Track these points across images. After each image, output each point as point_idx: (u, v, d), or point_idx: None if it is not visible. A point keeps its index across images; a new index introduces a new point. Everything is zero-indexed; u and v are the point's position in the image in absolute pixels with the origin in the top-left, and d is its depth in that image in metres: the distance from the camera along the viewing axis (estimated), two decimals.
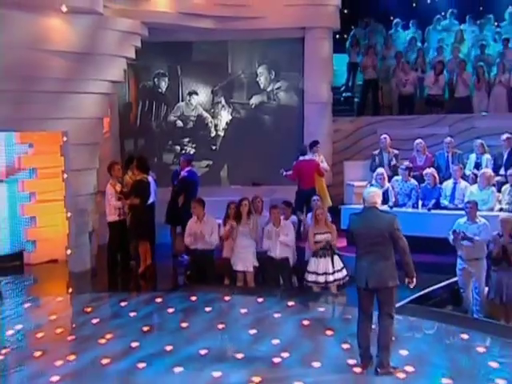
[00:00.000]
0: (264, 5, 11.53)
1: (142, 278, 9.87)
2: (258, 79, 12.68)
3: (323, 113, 12.16)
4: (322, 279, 8.54)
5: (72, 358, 6.64)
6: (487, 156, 10.54)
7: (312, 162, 11.05)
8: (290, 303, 8.15)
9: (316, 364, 6.08)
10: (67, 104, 9.68)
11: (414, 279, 5.86)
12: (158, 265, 10.37)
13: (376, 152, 11.31)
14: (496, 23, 14.15)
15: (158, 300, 8.59)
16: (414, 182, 10.47)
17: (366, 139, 12.29)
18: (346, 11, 13.93)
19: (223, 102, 12.80)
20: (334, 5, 12.03)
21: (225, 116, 12.89)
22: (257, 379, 5.84)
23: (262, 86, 12.72)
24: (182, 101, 12.83)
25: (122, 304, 8.50)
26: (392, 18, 14.49)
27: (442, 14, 14.76)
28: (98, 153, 10.41)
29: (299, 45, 12.16)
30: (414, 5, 14.91)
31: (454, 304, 8.25)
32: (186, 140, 12.87)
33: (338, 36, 14.15)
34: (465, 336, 6.78)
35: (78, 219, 10.16)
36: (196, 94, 12.80)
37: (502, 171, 10.19)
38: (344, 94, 14.64)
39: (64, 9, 9.22)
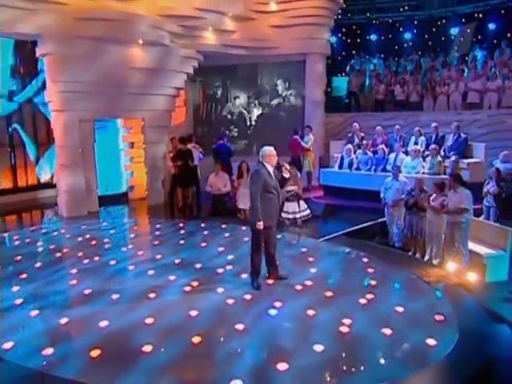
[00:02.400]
0: (278, 39, 11.76)
1: (182, 211, 10.08)
2: (276, 88, 12.90)
3: (317, 109, 12.31)
4: (291, 216, 8.90)
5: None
6: (422, 138, 10.41)
7: (295, 140, 11.33)
8: None
9: (244, 275, 5.95)
10: (145, 101, 10.48)
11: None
12: (198, 204, 10.28)
13: (350, 135, 11.43)
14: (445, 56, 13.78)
15: (181, 224, 8.94)
16: (370, 154, 10.53)
17: (348, 127, 12.24)
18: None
19: (255, 102, 13.10)
20: (326, 38, 12.15)
21: (256, 112, 13.16)
22: (195, 283, 5.78)
23: (279, 93, 12.95)
24: (230, 102, 13.23)
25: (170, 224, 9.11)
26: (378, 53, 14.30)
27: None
28: (166, 132, 10.91)
29: (302, 65, 12.31)
30: (397, 47, 14.53)
31: (382, 235, 8.19)
32: (232, 127, 13.24)
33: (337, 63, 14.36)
34: (365, 259, 6.66)
35: (152, 173, 10.91)
36: (238, 97, 13.17)
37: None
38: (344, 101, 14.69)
39: (141, 42, 9.99)
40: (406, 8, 14.33)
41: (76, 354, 4.33)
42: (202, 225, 8.94)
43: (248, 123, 13.23)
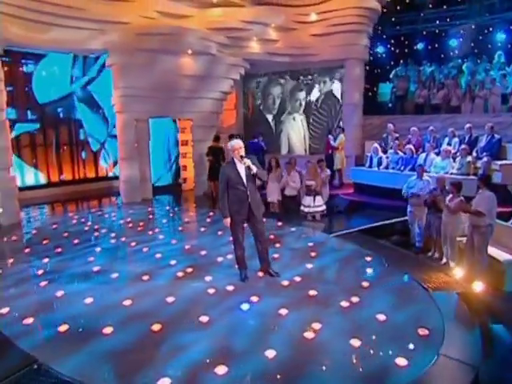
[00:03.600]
0: (318, 46, 10.49)
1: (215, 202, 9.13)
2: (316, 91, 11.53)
3: (355, 111, 10.74)
4: (306, 210, 7.83)
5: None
6: (455, 139, 8.57)
7: (327, 139, 10.21)
8: (279, 223, 7.30)
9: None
10: (193, 104, 9.92)
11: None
12: None
13: (384, 135, 9.86)
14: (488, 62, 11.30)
15: (211, 214, 8.20)
16: (401, 154, 8.90)
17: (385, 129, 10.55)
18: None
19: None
20: (364, 44, 10.56)
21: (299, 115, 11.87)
22: (189, 270, 5.03)
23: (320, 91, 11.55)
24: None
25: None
26: (424, 61, 12.22)
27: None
28: (213, 131, 10.03)
29: (341, 69, 10.94)
30: (442, 55, 12.33)
31: (403, 234, 6.70)
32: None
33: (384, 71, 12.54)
34: (368, 258, 5.40)
35: (199, 167, 10.27)
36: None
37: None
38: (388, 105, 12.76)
39: (190, 52, 9.46)
40: (453, 17, 12.16)
41: (47, 327, 3.81)
42: None
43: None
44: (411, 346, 3.36)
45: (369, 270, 5.02)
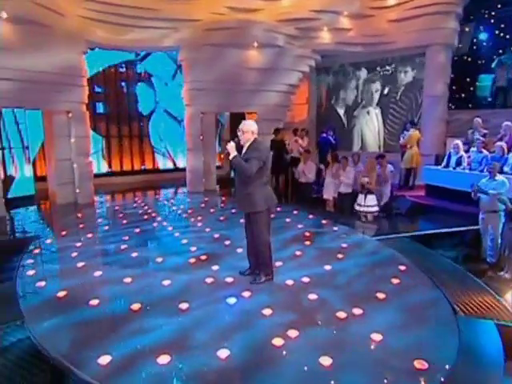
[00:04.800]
0: (396, 32, 9.34)
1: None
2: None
3: (437, 104, 9.23)
4: (357, 208, 7.09)
5: None
6: None
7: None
8: (324, 221, 6.67)
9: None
10: (258, 97, 9.69)
11: None
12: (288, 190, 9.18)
13: (470, 131, 8.27)
14: None
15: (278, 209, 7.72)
16: (485, 152, 7.40)
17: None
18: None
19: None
20: (452, 28, 8.97)
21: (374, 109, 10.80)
22: (203, 257, 5.26)
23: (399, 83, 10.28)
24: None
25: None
26: None
27: None
28: (280, 124, 9.79)
29: (422, 57, 9.51)
30: None
31: (474, 245, 5.64)
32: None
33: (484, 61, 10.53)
34: (402, 267, 4.53)
35: None
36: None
37: None
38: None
39: (256, 44, 9.30)
40: None
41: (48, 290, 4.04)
42: (278, 209, 7.73)
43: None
44: (391, 381, 2.66)
45: (394, 281, 4.21)
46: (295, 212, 7.40)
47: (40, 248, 5.54)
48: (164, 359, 2.84)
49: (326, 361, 2.82)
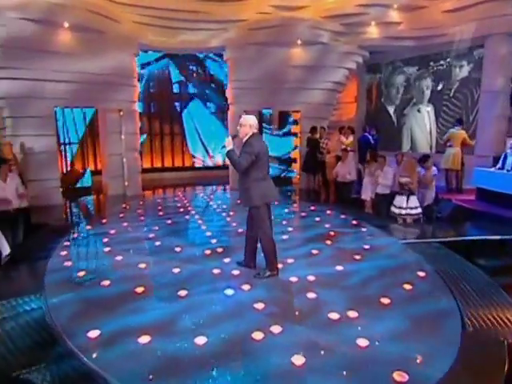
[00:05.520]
0: (451, 24, 8.57)
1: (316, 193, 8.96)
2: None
3: (496, 100, 8.28)
4: (396, 211, 6.61)
5: None
6: None
7: None
8: (354, 222, 6.40)
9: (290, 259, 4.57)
10: (301, 95, 9.61)
11: None
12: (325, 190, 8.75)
13: None
14: None
15: (295, 205, 8.13)
16: None
17: None
18: None
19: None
20: None
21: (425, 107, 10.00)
22: (220, 250, 5.50)
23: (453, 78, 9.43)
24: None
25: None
26: None
27: None
28: (324, 123, 9.61)
29: (480, 49, 8.60)
30: None
31: None
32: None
33: None
34: (422, 274, 4.18)
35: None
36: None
37: None
38: None
39: (299, 42, 9.20)
40: None
41: (70, 273, 4.36)
42: (312, 208, 7.60)
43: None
44: None
45: (406, 287, 3.89)
46: (328, 212, 7.21)
47: (80, 233, 6.08)
48: (144, 339, 2.95)
49: (298, 360, 2.72)
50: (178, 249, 5.12)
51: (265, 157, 4.05)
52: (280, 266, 4.39)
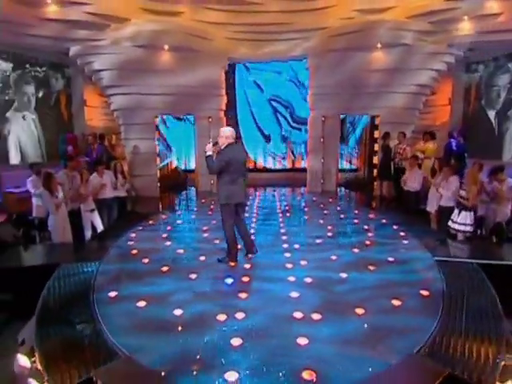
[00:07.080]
0: None
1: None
2: None
3: None
4: (451, 225, 6.10)
5: None
6: None
7: None
8: (402, 233, 6.16)
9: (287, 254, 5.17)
10: (382, 99, 9.40)
11: None
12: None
13: None
14: None
15: (356, 211, 8.08)
16: None
17: None
18: None
19: None
20: None
21: None
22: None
23: None
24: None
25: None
26: None
27: None
28: (408, 128, 9.26)
29: None
30: None
31: None
32: None
33: None
34: (424, 293, 4.20)
35: None
36: None
37: None
38: None
39: (379, 45, 9.02)
40: None
41: (126, 250, 5.50)
42: (370, 215, 7.51)
43: None
44: None
45: (394, 302, 3.82)
46: (383, 221, 7.06)
47: (155, 220, 7.40)
48: (141, 304, 3.82)
49: (236, 344, 3.12)
50: (217, 241, 5.82)
51: (237, 164, 4.77)
52: (290, 266, 4.85)
